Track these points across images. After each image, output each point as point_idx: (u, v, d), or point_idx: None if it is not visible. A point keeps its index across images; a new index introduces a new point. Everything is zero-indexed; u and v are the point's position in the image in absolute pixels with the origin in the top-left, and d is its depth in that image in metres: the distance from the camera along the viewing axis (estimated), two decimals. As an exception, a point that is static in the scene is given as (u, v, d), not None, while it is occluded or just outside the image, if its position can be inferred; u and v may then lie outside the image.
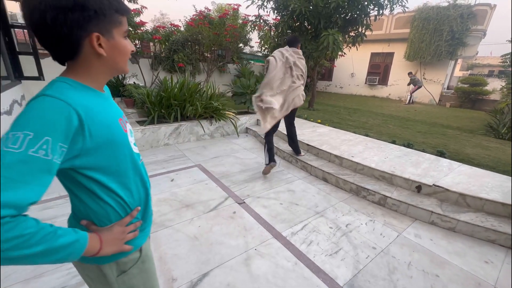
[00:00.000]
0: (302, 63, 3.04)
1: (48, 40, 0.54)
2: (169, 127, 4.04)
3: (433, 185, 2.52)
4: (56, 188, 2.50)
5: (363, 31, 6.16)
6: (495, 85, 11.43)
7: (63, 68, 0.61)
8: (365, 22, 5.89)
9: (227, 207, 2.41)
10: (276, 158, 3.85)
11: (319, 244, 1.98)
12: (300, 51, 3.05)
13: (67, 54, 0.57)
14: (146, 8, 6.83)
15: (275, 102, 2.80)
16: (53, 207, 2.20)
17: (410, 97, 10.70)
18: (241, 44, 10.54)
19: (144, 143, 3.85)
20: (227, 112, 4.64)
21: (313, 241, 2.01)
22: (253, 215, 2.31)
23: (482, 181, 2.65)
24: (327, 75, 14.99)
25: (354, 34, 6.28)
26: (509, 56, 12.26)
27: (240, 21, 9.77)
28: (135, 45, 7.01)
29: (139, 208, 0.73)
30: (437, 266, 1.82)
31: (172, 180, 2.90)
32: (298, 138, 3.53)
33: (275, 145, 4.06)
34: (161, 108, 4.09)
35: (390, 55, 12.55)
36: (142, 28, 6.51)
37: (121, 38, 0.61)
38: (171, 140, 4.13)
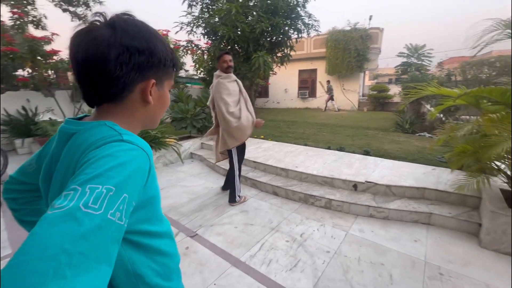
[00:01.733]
0: (213, 90, 2.65)
1: (96, 76, 0.47)
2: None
3: (365, 181, 2.86)
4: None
5: (288, 52, 6.87)
6: (395, 90, 14.11)
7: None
8: (288, 44, 6.59)
9: (178, 244, 2.20)
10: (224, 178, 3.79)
11: (278, 261, 1.97)
12: (217, 74, 2.66)
13: (111, 95, 0.50)
14: (57, 35, 6.11)
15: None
16: None
17: (326, 106, 12.76)
18: (175, 69, 10.29)
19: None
20: (167, 140, 4.38)
21: (272, 259, 1.99)
22: (208, 246, 2.17)
23: (400, 171, 3.15)
24: (264, 92, 15.94)
25: (281, 55, 6.94)
26: (399, 67, 15.43)
27: (172, 46, 9.64)
28: (48, 76, 6.13)
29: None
30: (381, 255, 2.02)
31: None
32: (245, 156, 3.09)
33: (221, 165, 3.99)
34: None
35: (314, 71, 14.25)
36: (54, 57, 5.77)
37: (167, 91, 0.59)
38: (104, 180, 3.62)
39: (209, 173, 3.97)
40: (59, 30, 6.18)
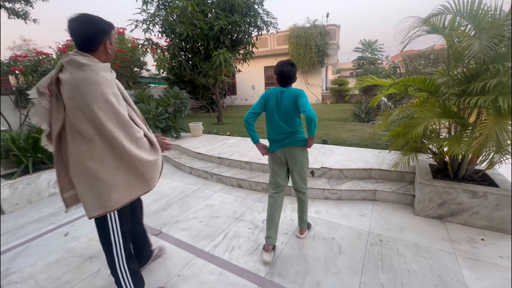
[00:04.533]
0: (72, 92, 1.13)
1: (291, 78, 1.87)
2: (53, 172, 3.34)
3: (321, 167, 3.11)
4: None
5: (250, 49, 6.98)
6: (354, 83, 15.09)
7: None
8: (249, 41, 6.69)
9: (141, 243, 2.20)
10: (191, 176, 3.80)
11: (241, 247, 2.10)
12: (82, 62, 1.15)
13: (292, 82, 1.89)
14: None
15: None
16: None
17: None
18: (136, 69, 9.85)
19: (17, 200, 3.03)
20: (128, 142, 4.24)
21: (235, 246, 2.11)
22: (172, 241, 2.21)
23: (351, 156, 3.47)
24: (232, 90, 15.93)
25: (243, 52, 7.02)
26: (356, 61, 16.46)
27: (130, 45, 9.19)
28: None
29: None
30: (333, 231, 2.25)
31: (66, 235, 2.41)
32: (209, 154, 3.28)
33: (187, 164, 3.98)
34: (36, 153, 3.34)
35: (279, 67, 14.59)
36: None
37: None
38: (59, 188, 3.41)
39: (174, 172, 3.95)
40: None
